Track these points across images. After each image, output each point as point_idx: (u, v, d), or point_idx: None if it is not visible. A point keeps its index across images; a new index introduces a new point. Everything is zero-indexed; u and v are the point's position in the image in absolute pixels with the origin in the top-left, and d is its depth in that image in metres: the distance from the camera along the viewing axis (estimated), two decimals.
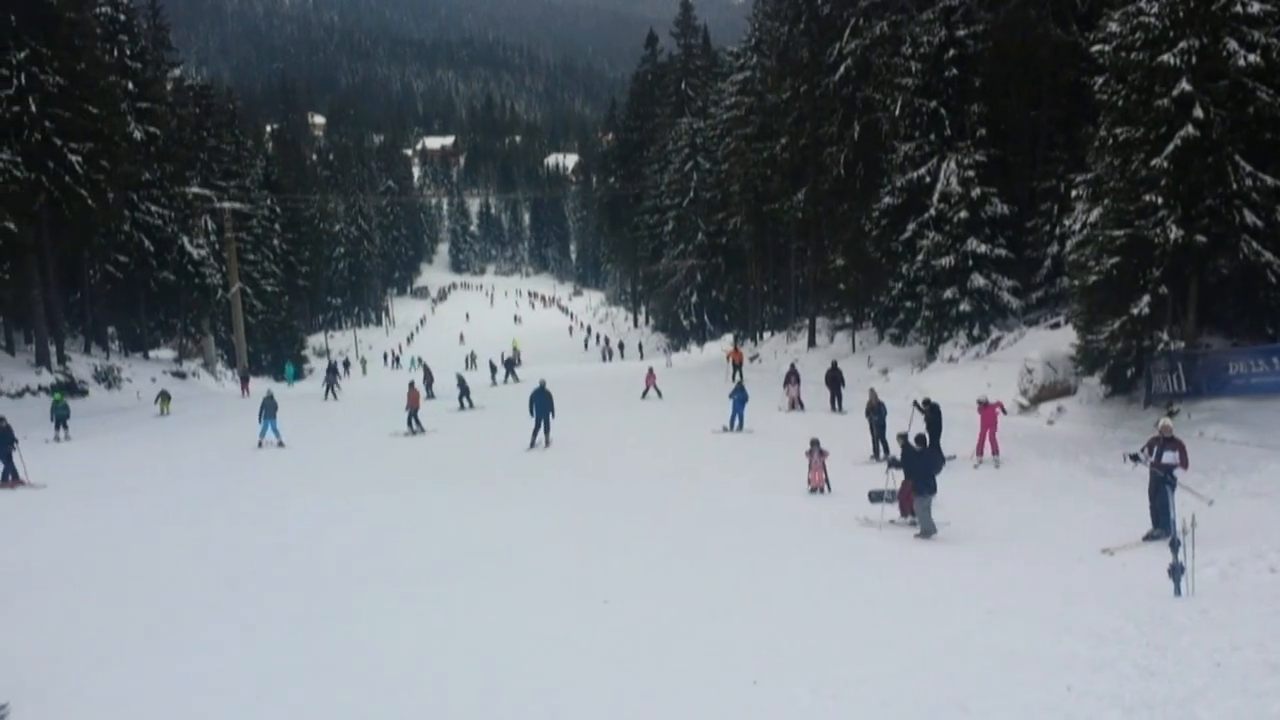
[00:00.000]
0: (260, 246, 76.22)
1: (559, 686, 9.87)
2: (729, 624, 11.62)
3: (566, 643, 11.14)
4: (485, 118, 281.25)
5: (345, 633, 11.78)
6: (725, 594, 12.88)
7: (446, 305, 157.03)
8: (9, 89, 38.90)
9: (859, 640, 10.86)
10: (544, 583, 13.72)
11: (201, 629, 12.22)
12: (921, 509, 15.37)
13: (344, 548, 16.45)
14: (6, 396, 36.61)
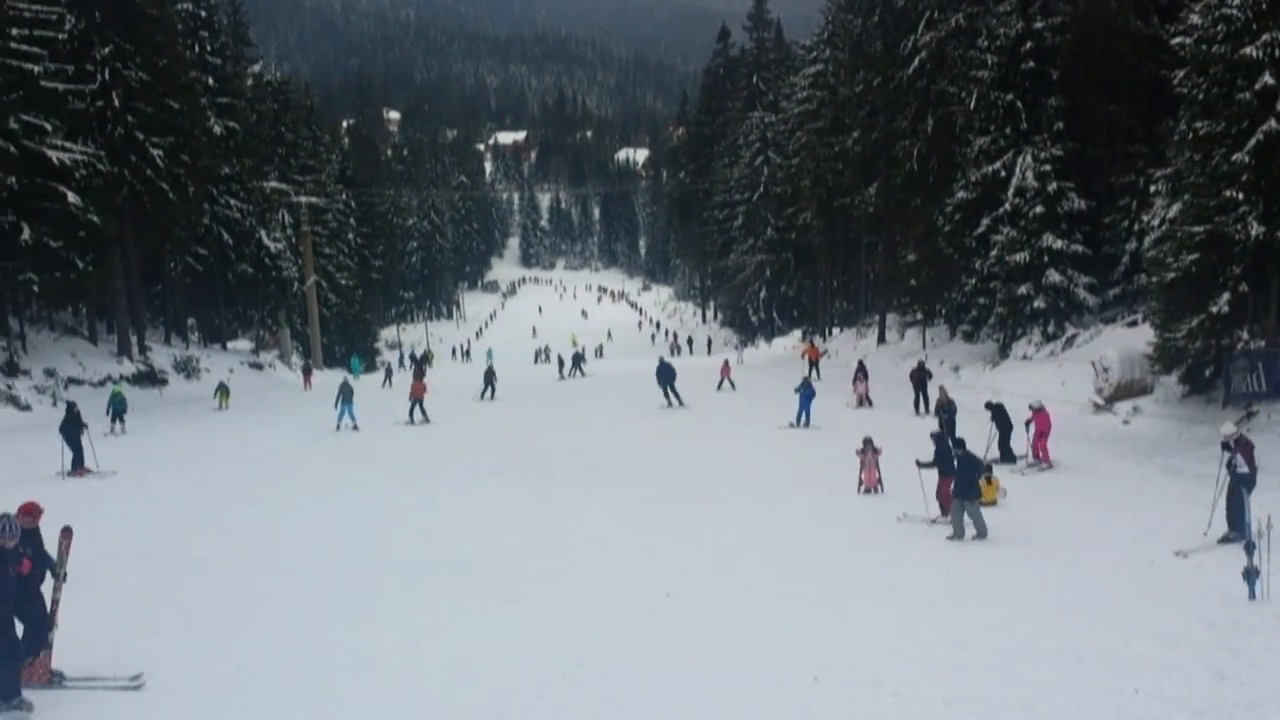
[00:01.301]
0: (335, 240, 77.35)
1: (620, 678, 9.91)
2: (789, 620, 11.58)
3: (629, 635, 11.17)
4: (557, 113, 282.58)
5: (407, 622, 11.90)
6: (784, 590, 12.82)
7: (516, 300, 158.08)
8: (93, 84, 39.82)
9: (920, 639, 10.75)
10: (606, 575, 13.77)
11: (285, 613, 12.45)
12: (955, 510, 15.13)
13: (410, 535, 16.63)
14: (89, 385, 37.54)
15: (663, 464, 23.40)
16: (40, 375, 36.23)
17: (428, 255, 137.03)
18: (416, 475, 22.96)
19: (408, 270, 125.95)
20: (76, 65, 38.87)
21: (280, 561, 15.00)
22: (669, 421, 31.33)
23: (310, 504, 19.73)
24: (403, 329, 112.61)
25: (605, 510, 18.23)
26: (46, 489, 20.68)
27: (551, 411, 35.94)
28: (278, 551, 15.68)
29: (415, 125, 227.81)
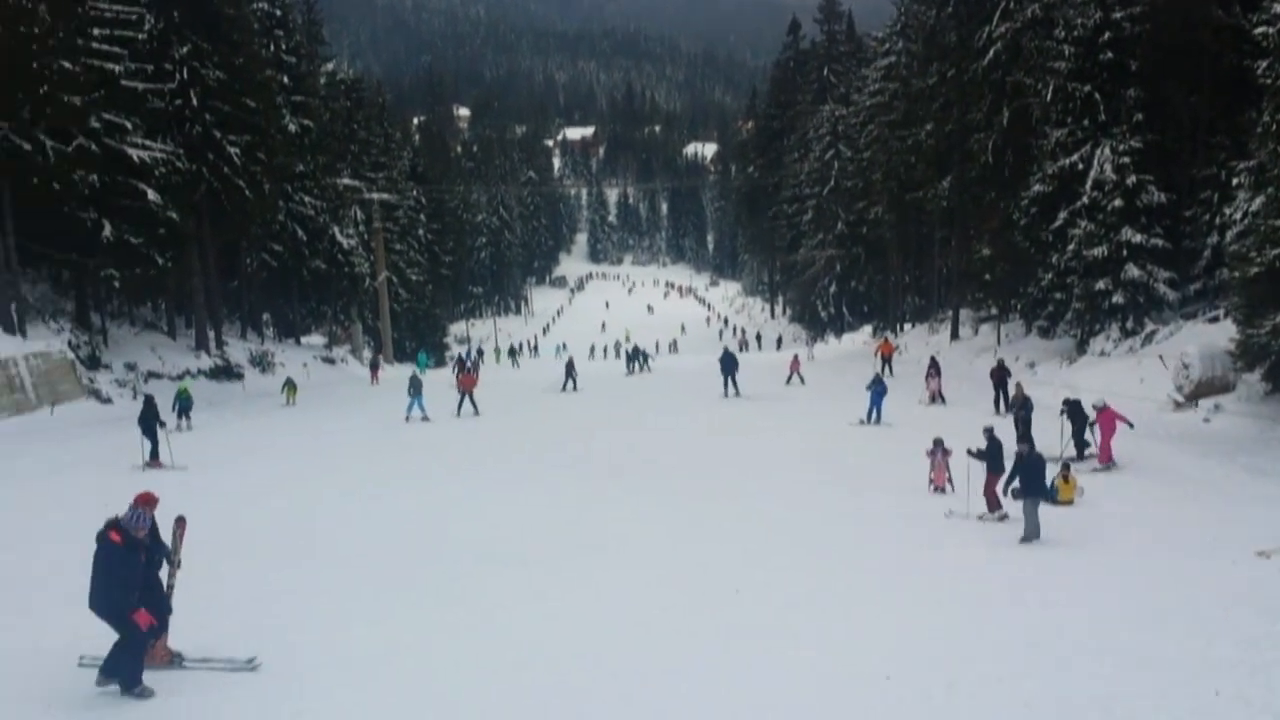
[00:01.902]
0: (406, 236, 78.16)
1: (693, 672, 9.87)
2: (860, 618, 11.45)
3: (701, 630, 11.12)
4: (625, 108, 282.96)
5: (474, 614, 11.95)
6: (854, 588, 12.70)
7: (584, 295, 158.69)
8: (172, 83, 40.60)
9: (996, 638, 10.60)
10: (675, 570, 13.72)
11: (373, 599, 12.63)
12: (1030, 510, 14.82)
13: (466, 526, 16.71)
14: (168, 379, 38.28)
15: (727, 460, 23.25)
16: (121, 369, 37.02)
17: (496, 251, 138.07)
18: (475, 467, 23.10)
19: (477, 266, 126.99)
20: (156, 64, 39.69)
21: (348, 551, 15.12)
22: (735, 417, 31.18)
23: (377, 496, 19.88)
24: (472, 324, 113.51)
25: (671, 505, 18.13)
26: (125, 480, 21.21)
27: (616, 405, 35.97)
28: (345, 541, 15.79)
29: (485, 122, 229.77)
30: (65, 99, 32.16)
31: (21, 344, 32.07)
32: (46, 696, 9.45)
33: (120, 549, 9.10)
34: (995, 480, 16.33)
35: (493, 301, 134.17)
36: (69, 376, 33.29)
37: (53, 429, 28.67)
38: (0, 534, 16.39)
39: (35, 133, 31.96)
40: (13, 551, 15.18)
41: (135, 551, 9.23)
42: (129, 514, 9.29)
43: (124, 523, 9.20)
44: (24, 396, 30.58)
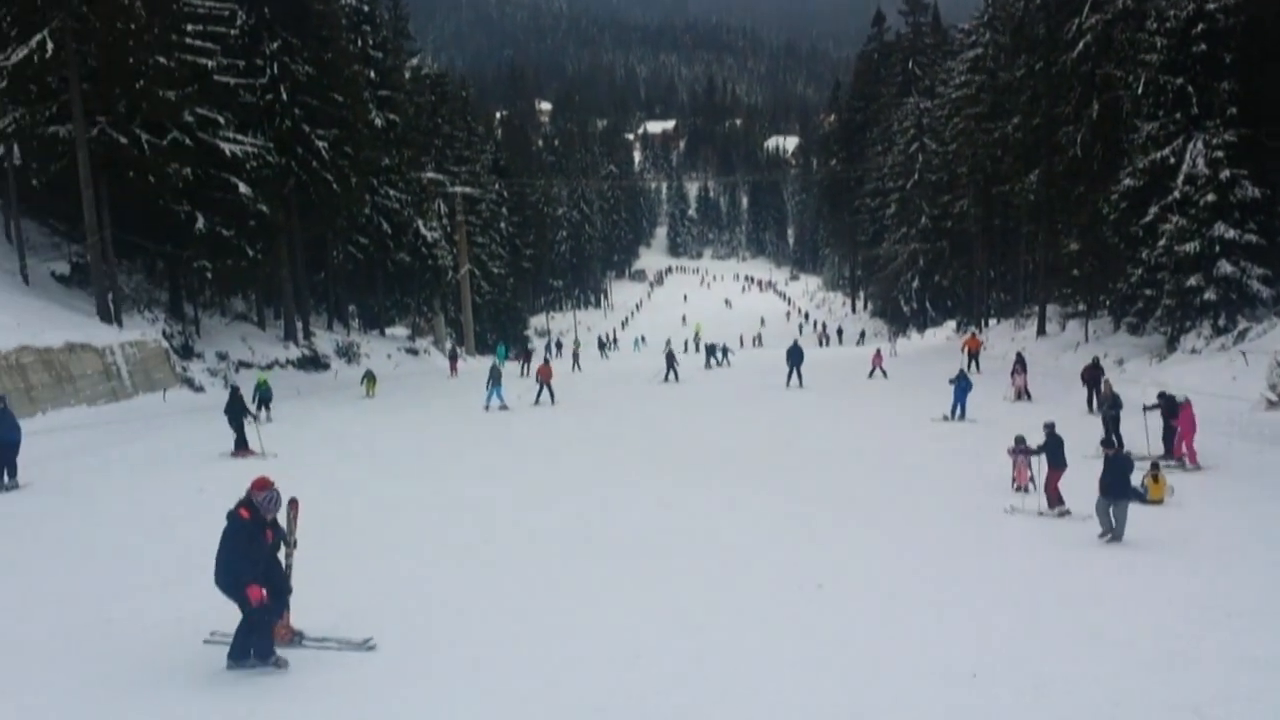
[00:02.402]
0: (488, 229, 78.94)
1: (771, 668, 9.87)
2: (943, 617, 11.34)
3: (781, 625, 11.13)
4: (706, 101, 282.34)
5: (564, 603, 12.07)
6: (937, 586, 12.55)
7: (663, 289, 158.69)
8: (263, 78, 41.45)
9: (1083, 639, 10.43)
10: (757, 564, 13.71)
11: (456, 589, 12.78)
12: (1118, 512, 14.51)
13: (563, 517, 16.84)
14: (257, 368, 39.14)
15: (815, 453, 23.17)
16: (212, 358, 37.95)
17: (577, 244, 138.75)
18: (559, 455, 23.31)
19: (557, 259, 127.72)
20: (247, 60, 40.54)
21: (447, 538, 15.37)
22: (828, 409, 31.02)
23: (467, 482, 20.16)
24: (551, 317, 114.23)
25: (752, 498, 18.12)
26: (213, 468, 21.82)
27: (692, 397, 35.98)
28: (444, 529, 16.03)
29: (566, 115, 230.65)
30: (161, 94, 33.00)
31: (118, 333, 33.03)
32: (180, 671, 9.85)
33: (247, 524, 9.52)
34: (1057, 476, 16.38)
35: (572, 295, 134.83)
36: (163, 365, 34.20)
37: (147, 416, 29.46)
38: (108, 518, 16.94)
39: (132, 127, 32.87)
40: (123, 533, 15.69)
41: (261, 529, 9.63)
42: (262, 497, 9.64)
43: (257, 502, 9.59)
44: (120, 384, 31.49)
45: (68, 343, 29.87)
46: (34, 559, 14.37)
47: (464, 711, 8.97)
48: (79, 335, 30.83)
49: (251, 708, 8.96)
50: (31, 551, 14.80)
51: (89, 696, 9.31)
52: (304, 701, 9.16)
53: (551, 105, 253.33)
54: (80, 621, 11.38)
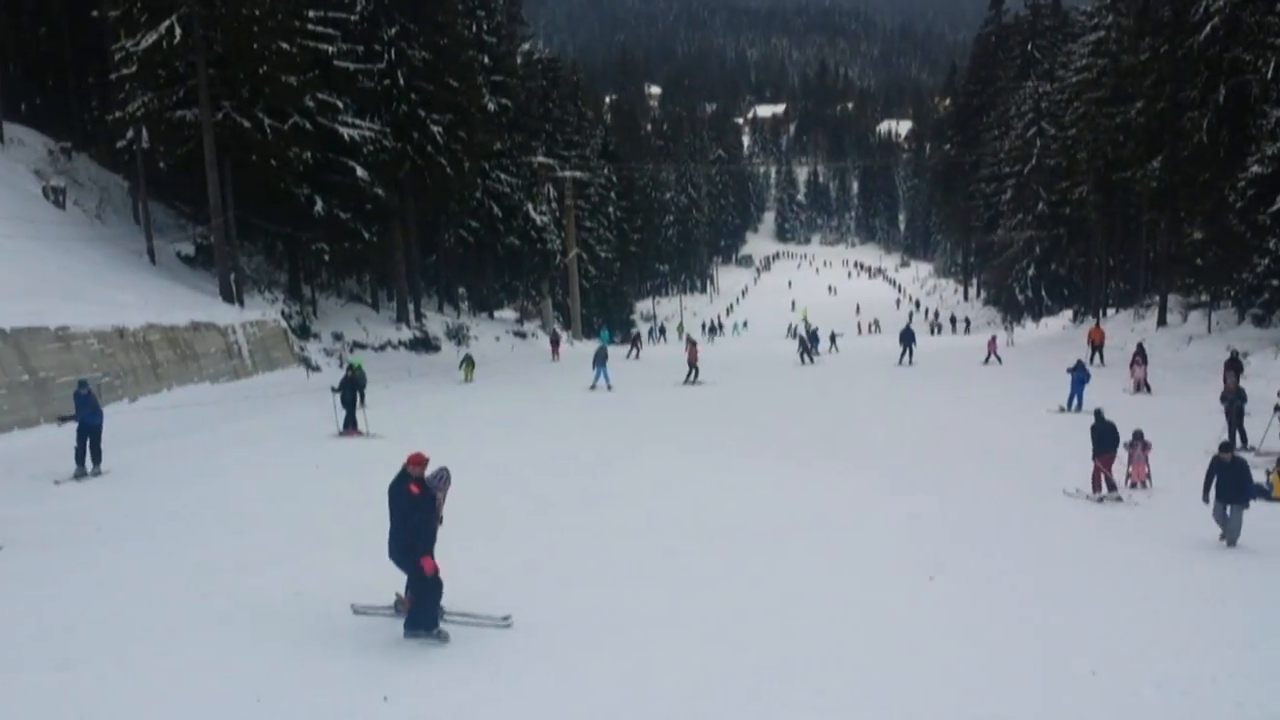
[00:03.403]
0: (596, 214, 79.27)
1: (881, 662, 9.71)
2: (1061, 611, 11.05)
3: (893, 617, 10.95)
4: (817, 85, 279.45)
5: (673, 587, 12.07)
6: (1054, 580, 12.24)
7: (770, 274, 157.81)
8: (380, 64, 42.08)
9: (1210, 638, 10.10)
10: (869, 555, 13.53)
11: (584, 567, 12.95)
12: (1236, 518, 13.90)
13: (674, 501, 16.82)
14: (371, 349, 39.90)
15: (927, 442, 22.75)
16: (328, 339, 38.79)
17: (684, 229, 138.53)
18: (667, 439, 23.21)
19: (664, 244, 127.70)
20: (366, 46, 41.18)
21: (563, 518, 15.49)
22: (941, 399, 30.50)
23: (582, 464, 20.26)
24: (657, 302, 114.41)
25: (865, 487, 17.85)
26: (324, 446, 22.32)
27: (800, 387, 35.69)
28: (558, 509, 16.16)
29: (675, 100, 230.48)
30: (283, 79, 33.77)
31: (240, 313, 33.94)
32: (331, 638, 10.21)
33: (418, 499, 9.79)
34: (1107, 461, 16.94)
35: (679, 280, 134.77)
36: (282, 344, 35.07)
37: (266, 393, 30.20)
38: (231, 492, 17.45)
39: (255, 111, 33.66)
40: (247, 505, 16.13)
41: (431, 502, 9.96)
42: (420, 472, 9.93)
43: (418, 475, 9.89)
44: (241, 362, 32.38)
45: (192, 321, 30.80)
46: (163, 530, 14.84)
47: (602, 687, 9.09)
48: (203, 314, 31.77)
49: (400, 676, 9.23)
50: (158, 523, 15.27)
51: (245, 659, 9.65)
52: (451, 670, 9.41)
53: (661, 89, 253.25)
54: (223, 589, 11.79)
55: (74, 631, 10.43)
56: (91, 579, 12.31)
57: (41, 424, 22.73)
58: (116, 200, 38.44)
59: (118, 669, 9.43)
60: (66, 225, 33.03)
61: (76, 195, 36.05)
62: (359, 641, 10.10)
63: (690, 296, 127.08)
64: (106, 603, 11.38)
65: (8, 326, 23.55)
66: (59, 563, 13.04)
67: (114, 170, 39.75)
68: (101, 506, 16.20)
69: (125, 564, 12.99)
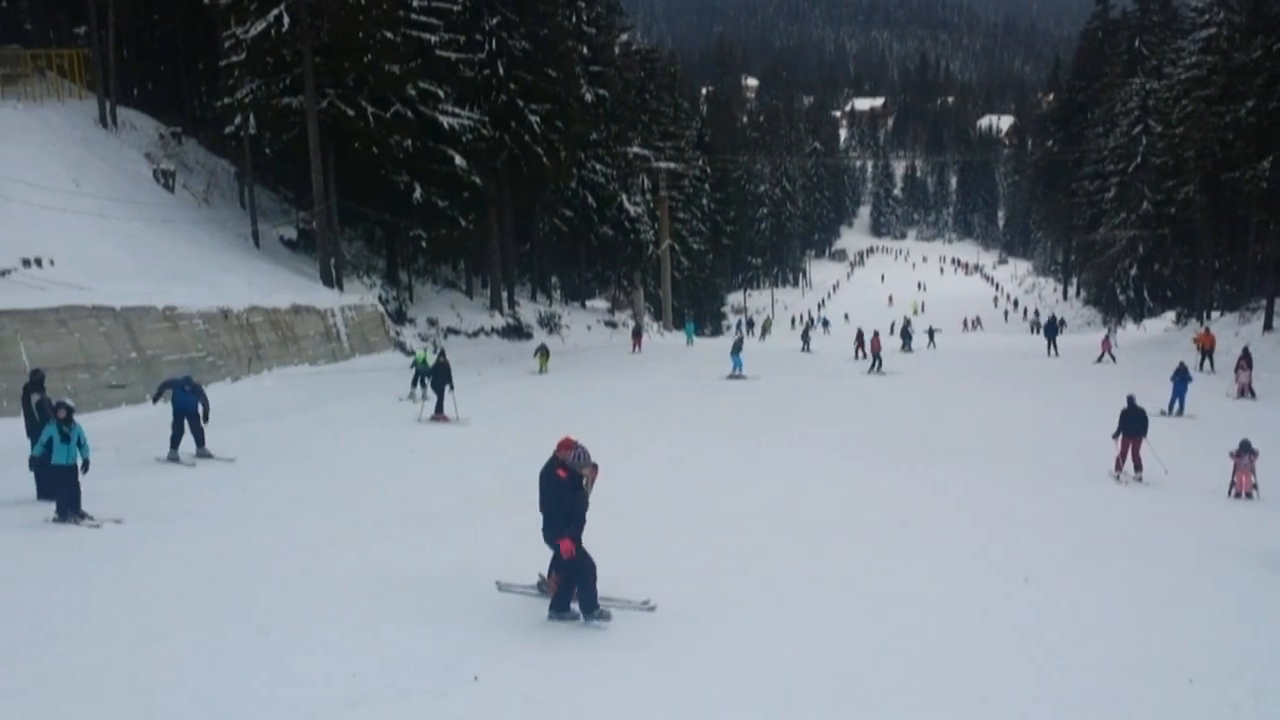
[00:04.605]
0: (690, 205, 79.18)
1: (973, 662, 9.59)
2: (1157, 617, 10.85)
3: (987, 618, 10.81)
4: (918, 78, 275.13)
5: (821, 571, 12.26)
6: (1145, 590, 11.95)
7: (864, 269, 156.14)
8: (481, 53, 42.51)
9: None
10: (961, 555, 13.37)
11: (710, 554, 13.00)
12: None
13: (776, 492, 16.77)
14: (465, 335, 40.42)
15: (1027, 442, 22.29)
16: (423, 324, 39.40)
17: (777, 222, 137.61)
18: (766, 431, 23.11)
19: (757, 236, 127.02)
20: (467, 35, 41.62)
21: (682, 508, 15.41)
22: (1042, 398, 29.93)
23: (683, 449, 20.34)
24: (749, 295, 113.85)
25: (952, 487, 17.57)
26: (414, 430, 22.66)
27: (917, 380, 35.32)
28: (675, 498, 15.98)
29: (772, 92, 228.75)
30: (386, 68, 34.35)
31: (339, 297, 34.63)
32: (471, 613, 10.48)
33: (567, 484, 9.96)
34: (1133, 444, 18.48)
35: (770, 273, 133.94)
36: (379, 329, 35.71)
37: (362, 376, 30.74)
38: (333, 472, 17.87)
39: (359, 99, 34.28)
40: (349, 487, 16.49)
41: (578, 486, 10.08)
42: (571, 455, 10.07)
43: (568, 461, 10.03)
44: (339, 345, 33.05)
45: (293, 304, 31.52)
46: (264, 508, 15.24)
47: (742, 670, 9.17)
48: (304, 298, 32.49)
49: (545, 653, 9.48)
50: (259, 501, 15.69)
51: (340, 635, 9.89)
52: (594, 650, 9.57)
53: (758, 81, 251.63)
54: (321, 567, 12.14)
55: (173, 603, 10.77)
56: (193, 553, 12.70)
57: (148, 401, 23.46)
58: (223, 185, 39.45)
59: (217, 642, 9.71)
60: (175, 208, 33.98)
61: (185, 179, 37.07)
62: (499, 616, 10.37)
63: (782, 290, 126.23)
64: (206, 577, 11.73)
65: (118, 305, 24.35)
66: (164, 536, 13.48)
67: (221, 155, 40.81)
68: (205, 483, 16.69)
69: (227, 540, 13.36)
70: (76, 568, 12.06)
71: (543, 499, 10.04)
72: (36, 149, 29.81)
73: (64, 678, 8.83)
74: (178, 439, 18.36)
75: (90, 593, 11.15)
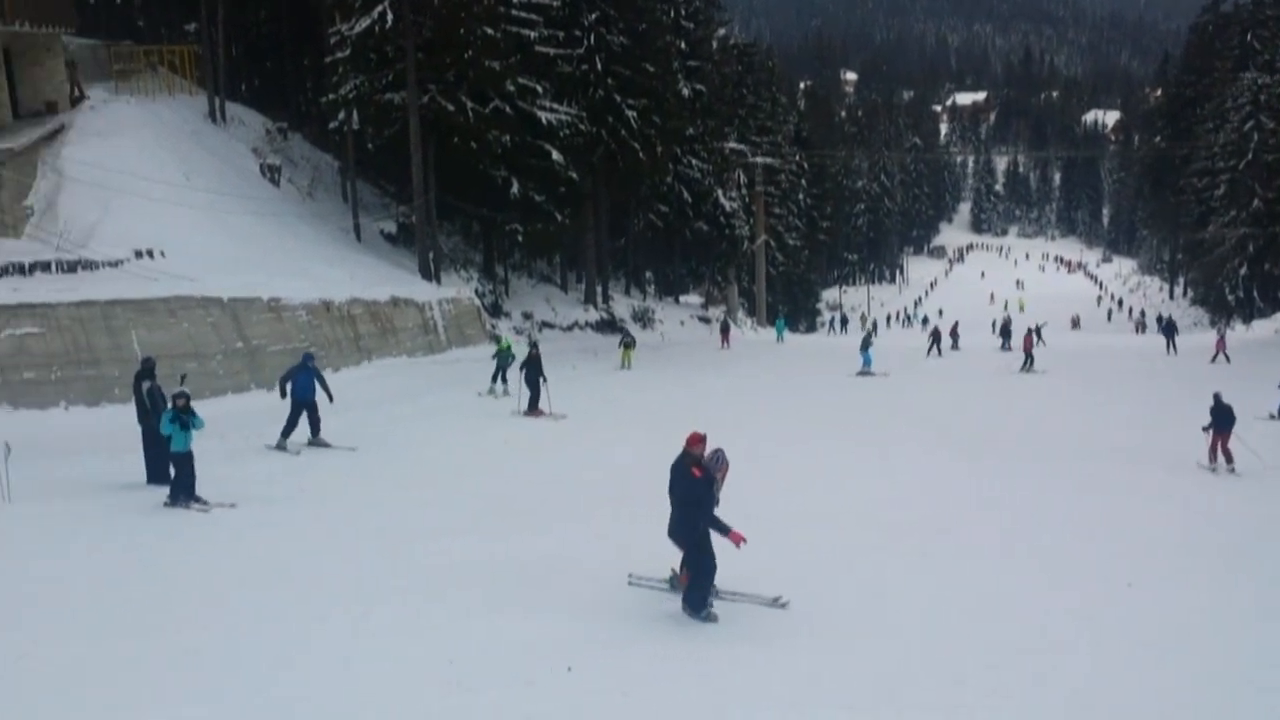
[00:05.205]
0: (786, 201, 78.71)
1: (1074, 664, 9.48)
2: (1263, 626, 10.58)
3: (1090, 622, 10.67)
4: (1021, 72, 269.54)
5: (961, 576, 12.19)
6: (1255, 596, 11.67)
7: (963, 266, 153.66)
8: (579, 49, 42.68)
9: None
10: (1062, 558, 13.17)
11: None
12: None
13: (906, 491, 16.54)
14: (559, 329, 40.73)
15: (1124, 447, 21.71)
16: (518, 317, 39.83)
17: (874, 218, 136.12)
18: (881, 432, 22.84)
19: (853, 232, 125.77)
20: (566, 31, 41.81)
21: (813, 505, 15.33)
22: (1153, 401, 29.17)
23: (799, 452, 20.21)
24: (844, 291, 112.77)
25: (1055, 488, 17.22)
26: (508, 423, 22.89)
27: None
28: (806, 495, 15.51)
29: (871, 86, 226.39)
30: (487, 63, 34.70)
31: (436, 290, 35.15)
32: (605, 607, 10.67)
33: (700, 483, 10.01)
34: (1224, 438, 19.13)
35: (867, 269, 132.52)
36: (475, 322, 36.17)
37: (459, 368, 31.13)
38: (433, 465, 18.17)
39: (459, 95, 34.71)
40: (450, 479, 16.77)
41: (710, 484, 10.14)
42: (701, 452, 10.13)
43: (705, 461, 10.11)
44: (436, 338, 33.57)
45: (392, 297, 32.09)
46: (365, 496, 15.64)
47: (846, 668, 9.22)
48: (402, 290, 33.05)
49: (644, 647, 9.62)
50: (361, 489, 16.09)
51: (439, 620, 10.17)
52: (720, 644, 9.65)
53: (857, 76, 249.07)
54: (422, 554, 12.42)
55: (280, 586, 11.12)
56: (300, 538, 13.12)
57: (253, 389, 24.13)
58: (326, 179, 40.26)
59: (321, 624, 9.99)
60: (281, 202, 34.79)
61: (290, 173, 37.92)
62: (632, 610, 10.52)
63: (878, 286, 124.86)
64: (312, 562, 12.09)
65: (225, 296, 25.05)
66: (273, 522, 13.94)
67: (325, 150, 41.64)
68: (312, 470, 17.22)
69: (332, 526, 13.76)
70: (190, 551, 12.54)
71: (673, 493, 10.09)
72: (149, 143, 30.74)
73: (179, 655, 9.18)
74: (290, 430, 18.81)
75: (203, 575, 11.59)
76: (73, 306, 21.98)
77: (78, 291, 22.50)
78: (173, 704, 8.22)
